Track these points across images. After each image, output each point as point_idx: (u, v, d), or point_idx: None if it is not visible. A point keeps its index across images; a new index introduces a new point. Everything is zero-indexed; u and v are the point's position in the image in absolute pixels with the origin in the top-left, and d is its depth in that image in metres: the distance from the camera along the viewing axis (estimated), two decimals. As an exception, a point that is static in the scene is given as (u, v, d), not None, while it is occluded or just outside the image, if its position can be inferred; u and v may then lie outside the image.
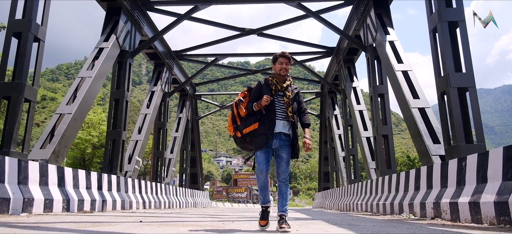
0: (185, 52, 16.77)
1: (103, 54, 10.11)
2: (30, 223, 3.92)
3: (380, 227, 4.15)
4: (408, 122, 8.43)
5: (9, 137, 6.39)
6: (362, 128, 13.08)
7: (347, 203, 12.56)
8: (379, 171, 10.58)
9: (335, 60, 16.71)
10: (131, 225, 3.74)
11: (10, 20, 6.91)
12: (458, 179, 5.39)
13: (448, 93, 6.51)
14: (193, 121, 21.45)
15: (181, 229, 3.39)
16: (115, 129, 11.28)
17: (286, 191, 3.61)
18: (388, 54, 9.62)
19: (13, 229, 3.18)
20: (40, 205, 6.35)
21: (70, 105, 8.59)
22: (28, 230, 3.09)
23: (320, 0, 12.38)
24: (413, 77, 8.98)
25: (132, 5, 11.82)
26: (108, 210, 8.84)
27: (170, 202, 14.21)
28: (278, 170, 3.59)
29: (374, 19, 10.80)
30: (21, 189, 6.02)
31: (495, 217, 4.27)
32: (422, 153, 7.65)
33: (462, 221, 4.92)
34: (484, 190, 4.62)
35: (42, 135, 7.97)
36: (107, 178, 9.31)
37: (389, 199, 8.24)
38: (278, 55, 3.67)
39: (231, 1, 12.45)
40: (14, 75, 6.77)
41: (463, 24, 6.69)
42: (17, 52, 6.91)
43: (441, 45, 6.73)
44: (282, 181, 3.59)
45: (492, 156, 4.63)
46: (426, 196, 6.27)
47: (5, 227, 3.30)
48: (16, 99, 6.57)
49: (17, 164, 6.00)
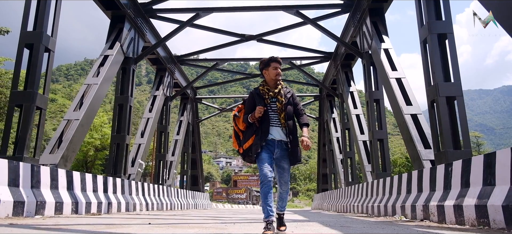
0: (186, 57, 17.15)
1: (108, 61, 10.49)
2: (49, 225, 4.28)
3: (369, 228, 4.52)
4: (401, 128, 8.81)
5: (22, 143, 6.76)
6: (358, 132, 13.46)
7: (344, 204, 12.92)
8: (374, 173, 10.96)
9: (333, 65, 17.11)
10: (142, 227, 4.10)
11: (22, 31, 7.28)
12: (445, 183, 5.77)
13: (437, 102, 6.88)
14: (194, 124, 21.81)
15: (189, 231, 3.75)
16: (119, 133, 11.65)
17: (286, 196, 3.69)
18: (383, 62, 10.00)
19: (38, 230, 3.54)
20: (51, 208, 6.72)
21: (77, 111, 8.96)
22: (52, 231, 3.46)
23: (317, 8, 12.74)
24: (406, 84, 9.37)
25: (135, 13, 12.20)
26: (113, 212, 9.20)
27: (171, 203, 14.57)
28: (281, 180, 3.58)
29: (370, 27, 11.16)
30: (34, 192, 6.39)
31: (476, 219, 4.64)
32: (414, 157, 8.03)
33: (448, 223, 5.29)
34: (467, 194, 4.99)
35: (51, 141, 8.33)
36: (112, 181, 9.68)
37: (383, 201, 8.61)
38: (270, 60, 3.57)
39: (231, 9, 12.83)
40: (26, 84, 7.14)
41: (452, 36, 7.08)
42: (28, 62, 7.28)
43: (431, 56, 7.13)
44: (284, 190, 3.64)
45: (474, 162, 5.00)
46: (417, 199, 6.64)
47: (30, 229, 3.66)
48: (28, 107, 6.94)
49: (30, 169, 6.37)
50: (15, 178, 5.99)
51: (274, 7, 12.75)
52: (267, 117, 3.46)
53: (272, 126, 3.47)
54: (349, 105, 14.50)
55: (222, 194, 55.82)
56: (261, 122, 3.45)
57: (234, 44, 15.20)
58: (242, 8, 12.82)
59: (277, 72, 3.52)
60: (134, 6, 12.06)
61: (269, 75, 3.55)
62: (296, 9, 12.32)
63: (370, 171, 11.70)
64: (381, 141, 11.09)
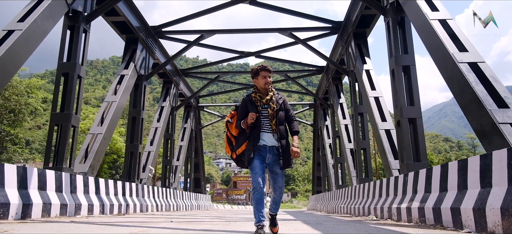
0: (190, 70, 18.68)
1: (124, 80, 12.00)
2: (95, 222, 5.77)
3: (338, 226, 6.00)
4: (377, 140, 10.27)
5: (61, 156, 8.26)
6: (346, 140, 14.97)
7: (333, 206, 14.42)
8: (358, 178, 12.46)
9: (325, 77, 18.63)
10: (169, 224, 5.59)
11: (59, 63, 8.79)
12: (403, 189, 7.27)
13: (401, 123, 8.35)
14: (197, 130, 23.33)
15: (204, 226, 5.24)
16: (132, 143, 13.16)
17: (279, 200, 3.76)
18: (364, 82, 11.42)
19: (96, 225, 5.02)
20: (85, 209, 8.21)
21: (100, 126, 10.46)
22: (107, 226, 4.94)
23: (309, 31, 14.24)
24: (383, 102, 10.79)
25: (146, 35, 13.71)
26: (131, 213, 10.69)
27: (178, 205, 16.07)
28: (275, 186, 3.67)
29: (354, 49, 12.60)
30: (73, 197, 7.89)
31: (418, 217, 6.14)
32: (386, 166, 9.54)
33: (403, 221, 6.78)
34: (415, 198, 6.50)
35: (80, 152, 9.83)
36: (128, 186, 11.18)
37: (362, 203, 10.12)
38: (259, 69, 3.70)
39: (231, 31, 14.34)
40: (63, 106, 8.65)
41: (414, 67, 8.66)
42: (64, 88, 8.78)
43: (397, 84, 8.60)
44: (277, 195, 3.73)
45: (421, 174, 6.50)
46: (384, 202, 8.15)
47: (89, 224, 5.15)
48: (66, 126, 8.45)
49: (69, 177, 7.87)
50: (59, 185, 7.48)
51: (270, 30, 14.25)
52: (259, 123, 3.57)
53: (264, 132, 3.58)
54: (339, 115, 16.00)
55: (222, 195, 57.28)
56: (253, 127, 3.56)
57: (234, 60, 16.66)
58: (241, 31, 14.33)
59: (266, 81, 3.64)
60: (146, 29, 13.57)
61: (259, 84, 3.69)
62: (290, 31, 13.82)
63: (355, 176, 13.20)
64: (364, 149, 12.54)
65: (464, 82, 6.13)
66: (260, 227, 3.47)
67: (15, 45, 6.97)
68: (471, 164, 4.70)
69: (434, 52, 7.14)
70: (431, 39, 7.17)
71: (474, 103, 5.92)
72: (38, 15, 7.60)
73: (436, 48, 7.00)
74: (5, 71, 6.89)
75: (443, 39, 6.75)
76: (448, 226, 5.07)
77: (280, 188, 3.68)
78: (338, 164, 17.44)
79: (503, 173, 3.89)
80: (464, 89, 6.19)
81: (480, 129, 5.90)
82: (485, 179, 4.30)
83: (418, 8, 7.64)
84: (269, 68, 3.67)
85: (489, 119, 5.53)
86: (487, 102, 5.66)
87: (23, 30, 7.19)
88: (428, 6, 7.54)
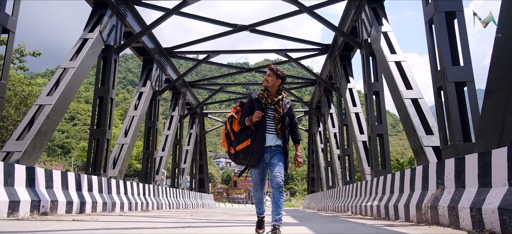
0: (197, 83, 20.71)
1: (143, 96, 14.01)
2: (142, 215, 7.81)
3: (318, 221, 8.01)
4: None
5: (99, 164, 10.32)
6: (334, 146, 17.05)
7: (324, 204, 16.50)
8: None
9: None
10: (192, 218, 7.63)
11: (96, 88, 10.85)
12: (370, 190, 9.33)
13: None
14: (201, 135, 25.43)
15: (219, 217, 7.28)
16: (148, 150, 15.19)
17: (279, 199, 3.48)
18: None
19: (142, 217, 7.06)
20: (118, 206, 10.27)
21: (124, 137, 12.51)
22: (151, 218, 6.97)
23: (302, 51, 16.20)
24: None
25: (160, 55, 15.62)
26: (150, 210, 12.76)
27: (185, 203, 18.16)
28: (271, 175, 3.52)
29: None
30: (109, 196, 9.97)
31: (376, 213, 8.18)
32: (362, 171, 11.55)
33: (368, 216, 8.83)
34: (376, 198, 8.55)
35: (109, 159, 11.87)
36: (148, 187, 13.24)
37: (344, 202, 12.19)
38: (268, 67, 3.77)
39: (233, 52, 16.33)
40: (99, 123, 10.70)
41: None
42: (99, 109, 10.83)
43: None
44: (275, 187, 3.47)
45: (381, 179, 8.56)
46: (358, 201, 10.21)
47: (134, 217, 7.19)
48: (102, 140, 10.50)
49: (107, 181, 9.93)
50: (100, 187, 9.55)
51: (269, 51, 16.20)
52: (263, 123, 3.54)
53: (268, 132, 3.57)
54: (329, 124, 18.02)
55: (223, 194, 59.25)
56: (258, 127, 3.53)
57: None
58: (243, 51, 16.29)
59: (265, 78, 3.72)
60: (159, 50, 15.50)
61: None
62: (285, 52, 15.82)
63: (341, 179, 15.24)
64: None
65: (406, 113, 7.80)
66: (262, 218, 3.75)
67: (71, 81, 8.80)
68: (417, 172, 6.10)
69: (389, 86, 8.87)
70: (388, 76, 8.93)
71: (412, 130, 7.54)
72: (85, 54, 9.34)
73: (391, 84, 8.70)
74: (64, 102, 8.61)
75: (396, 78, 8.41)
76: (392, 218, 7.12)
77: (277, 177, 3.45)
78: (329, 167, 19.50)
79: (426, 180, 5.70)
80: (406, 119, 7.83)
81: (414, 148, 7.50)
82: (425, 183, 5.81)
83: (381, 50, 9.30)
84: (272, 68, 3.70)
85: (419, 142, 7.20)
86: (419, 130, 7.36)
87: (76, 68, 8.93)
88: (388, 49, 9.22)
